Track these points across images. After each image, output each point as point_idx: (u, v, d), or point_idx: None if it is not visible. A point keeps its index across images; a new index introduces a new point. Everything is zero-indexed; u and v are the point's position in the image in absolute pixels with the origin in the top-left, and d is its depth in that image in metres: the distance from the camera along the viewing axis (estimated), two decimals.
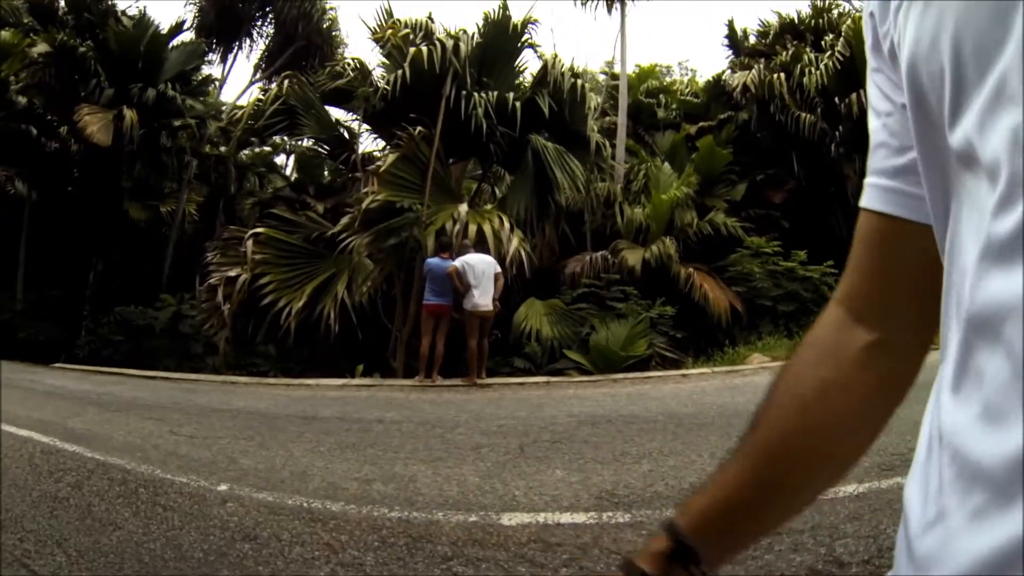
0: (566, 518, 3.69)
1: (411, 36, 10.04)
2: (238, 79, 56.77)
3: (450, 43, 9.50)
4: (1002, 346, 0.36)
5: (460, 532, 3.54)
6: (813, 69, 12.25)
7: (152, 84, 11.28)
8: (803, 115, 12.25)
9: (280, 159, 15.89)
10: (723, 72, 14.83)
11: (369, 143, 11.91)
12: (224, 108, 13.72)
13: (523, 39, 11.42)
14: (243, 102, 16.64)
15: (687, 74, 20.47)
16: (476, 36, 10.62)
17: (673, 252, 11.48)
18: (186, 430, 5.86)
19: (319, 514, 3.71)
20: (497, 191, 12.55)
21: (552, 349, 10.05)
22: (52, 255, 12.10)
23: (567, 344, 10.18)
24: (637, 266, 11.20)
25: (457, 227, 8.52)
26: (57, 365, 10.34)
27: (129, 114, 10.78)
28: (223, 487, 4.14)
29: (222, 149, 13.33)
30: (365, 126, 12.05)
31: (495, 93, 10.24)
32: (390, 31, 9.87)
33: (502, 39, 10.96)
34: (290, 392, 8.29)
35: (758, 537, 0.71)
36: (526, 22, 11.18)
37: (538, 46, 12.02)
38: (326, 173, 13.62)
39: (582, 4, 13.13)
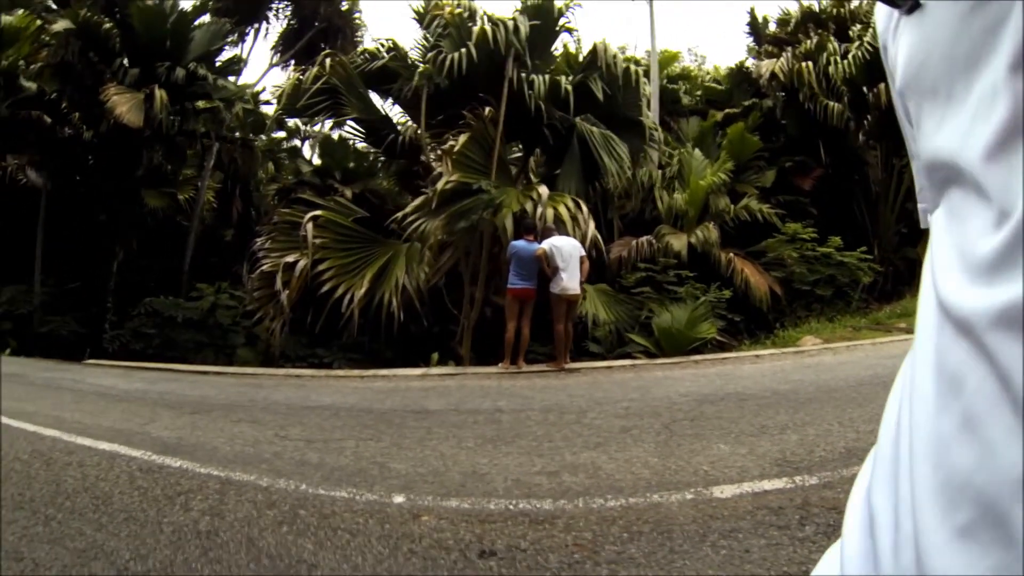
0: (768, 485, 3.78)
1: (464, 15, 9.78)
2: (253, 63, 54.04)
3: (511, 24, 9.30)
4: (987, 356, 0.35)
5: (691, 510, 3.51)
6: (839, 59, 12.49)
7: (179, 64, 10.68)
8: (831, 104, 12.49)
9: (293, 143, 15.37)
10: (745, 60, 15.04)
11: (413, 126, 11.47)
12: (250, 91, 13.10)
13: (561, 23, 11.31)
14: (261, 85, 16.06)
15: (696, 60, 20.69)
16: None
17: (715, 237, 11.59)
18: (295, 433, 5.29)
19: (536, 515, 3.47)
20: (532, 176, 12.36)
21: (611, 332, 10.03)
22: (69, 246, 11.33)
23: (624, 327, 10.17)
24: (683, 251, 11.26)
25: (539, 210, 8.35)
26: (91, 361, 9.70)
27: (159, 94, 10.17)
28: (399, 499, 3.69)
29: (237, 134, 12.76)
30: (399, 108, 11.76)
31: (547, 76, 10.10)
32: (448, 8, 9.59)
33: (546, 22, 10.80)
34: (369, 384, 7.92)
35: None
36: (568, 5, 11.06)
37: (575, 30, 11.90)
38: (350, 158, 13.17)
39: None
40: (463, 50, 9.05)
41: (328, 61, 10.29)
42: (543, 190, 8.70)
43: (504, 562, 2.98)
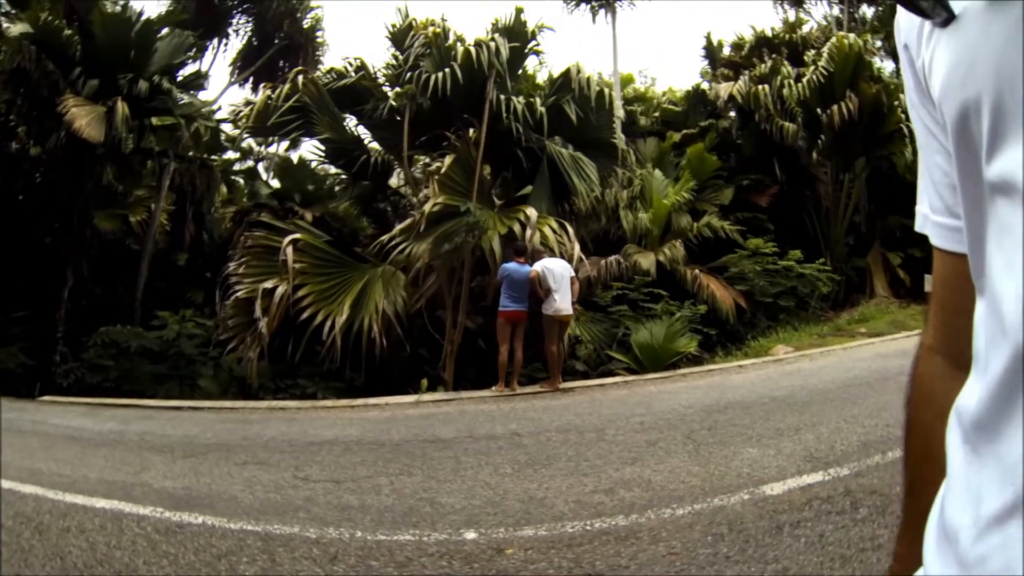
0: (808, 479, 4.03)
1: (441, 35, 9.71)
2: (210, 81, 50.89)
3: (493, 45, 9.30)
4: None
5: (754, 508, 3.67)
6: (792, 81, 13.11)
7: (142, 76, 10.10)
8: (786, 124, 13.07)
9: (246, 164, 14.81)
10: (701, 83, 15.56)
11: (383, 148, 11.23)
12: (213, 107, 12.57)
13: (531, 45, 11.39)
14: (218, 104, 15.40)
15: (646, 81, 21.26)
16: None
17: (681, 255, 11.88)
18: (316, 473, 4.88)
19: (617, 532, 3.48)
20: (495, 198, 12.38)
21: (593, 351, 10.10)
22: (14, 271, 10.46)
23: (601, 345, 10.27)
24: (652, 268, 11.49)
25: (528, 232, 8.34)
26: (46, 398, 8.97)
27: (122, 107, 9.58)
28: (471, 534, 3.52)
29: (191, 153, 12.20)
30: (364, 130, 11.53)
31: (521, 98, 10.14)
32: (431, 28, 9.49)
33: (520, 44, 10.84)
34: (363, 414, 7.52)
35: None
36: (540, 28, 11.17)
37: (542, 52, 12.00)
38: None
39: (575, 5, 13.21)
40: (447, 70, 8.98)
41: (300, 79, 10.00)
42: (531, 212, 8.71)
43: None
